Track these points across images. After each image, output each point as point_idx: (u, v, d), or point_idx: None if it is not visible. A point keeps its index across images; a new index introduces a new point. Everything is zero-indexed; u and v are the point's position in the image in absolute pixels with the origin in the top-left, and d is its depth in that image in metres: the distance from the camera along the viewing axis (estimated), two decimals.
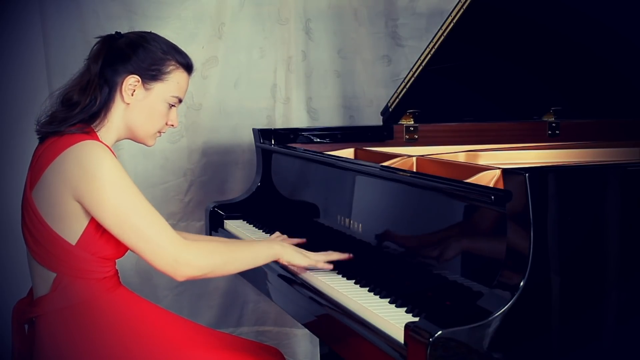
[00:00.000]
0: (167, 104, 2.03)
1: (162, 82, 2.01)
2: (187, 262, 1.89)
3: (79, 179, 1.85)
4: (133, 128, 2.02)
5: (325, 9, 3.44)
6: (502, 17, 2.47)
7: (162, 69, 2.01)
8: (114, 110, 1.99)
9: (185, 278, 1.91)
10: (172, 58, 2.02)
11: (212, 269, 1.94)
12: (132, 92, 1.99)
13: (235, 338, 2.17)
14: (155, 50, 2.00)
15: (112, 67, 1.98)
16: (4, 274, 3.18)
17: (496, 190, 1.68)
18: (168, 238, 1.89)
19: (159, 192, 3.32)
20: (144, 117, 2.01)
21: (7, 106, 3.22)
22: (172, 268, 1.89)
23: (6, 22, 3.20)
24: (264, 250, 2.06)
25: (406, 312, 1.75)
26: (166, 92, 2.02)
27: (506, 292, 1.56)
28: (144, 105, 2.00)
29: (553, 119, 2.96)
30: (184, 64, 2.05)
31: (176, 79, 2.03)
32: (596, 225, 1.63)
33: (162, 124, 2.05)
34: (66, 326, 1.90)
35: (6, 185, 3.23)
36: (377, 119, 2.99)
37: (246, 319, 3.51)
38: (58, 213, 1.89)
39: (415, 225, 1.98)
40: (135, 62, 1.98)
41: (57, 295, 1.91)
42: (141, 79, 1.99)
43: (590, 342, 1.63)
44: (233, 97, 3.40)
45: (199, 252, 1.92)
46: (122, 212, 1.86)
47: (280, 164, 2.79)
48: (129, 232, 1.87)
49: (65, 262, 1.90)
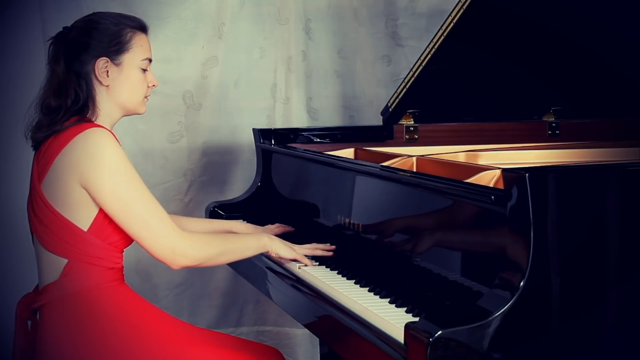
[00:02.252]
0: (141, 69, 2.08)
1: (127, 52, 2.05)
2: (183, 253, 1.96)
3: (85, 166, 1.90)
4: (121, 104, 2.07)
5: (325, 9, 3.43)
6: (502, 17, 2.47)
7: (122, 40, 2.05)
8: (99, 97, 2.04)
9: (181, 267, 1.99)
10: (125, 26, 2.07)
11: (206, 259, 2.02)
12: (106, 74, 2.03)
13: (235, 339, 2.18)
14: (107, 27, 2.04)
15: (76, 60, 2.02)
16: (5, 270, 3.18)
17: (496, 190, 1.68)
18: (167, 228, 1.96)
19: (159, 192, 3.31)
20: (127, 91, 2.06)
21: (7, 106, 3.22)
22: (169, 257, 1.96)
23: (6, 22, 3.20)
24: (253, 242, 2.15)
25: (406, 312, 1.75)
26: (135, 58, 2.06)
27: (506, 292, 1.56)
28: (122, 80, 2.05)
29: (553, 119, 2.96)
30: (137, 27, 2.10)
31: (138, 42, 2.07)
32: (596, 225, 1.63)
33: (145, 89, 2.10)
34: (69, 315, 1.93)
35: (6, 185, 3.23)
36: (377, 119, 2.99)
37: (246, 319, 3.51)
38: (69, 201, 1.93)
39: (415, 225, 1.98)
40: (95, 45, 2.02)
41: (66, 281, 1.95)
42: (108, 58, 2.03)
43: (590, 342, 1.63)
44: (233, 97, 3.40)
45: (194, 244, 1.99)
46: (126, 199, 1.92)
47: (280, 164, 2.79)
48: (131, 219, 1.93)
49: (77, 248, 1.95)
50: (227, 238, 2.16)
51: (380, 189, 2.13)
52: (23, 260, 3.09)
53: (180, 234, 1.98)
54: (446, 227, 1.86)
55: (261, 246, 2.16)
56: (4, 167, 3.24)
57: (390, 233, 2.06)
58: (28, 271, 2.51)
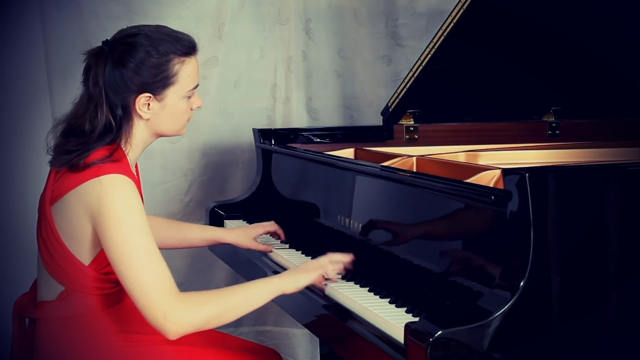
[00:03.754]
0: (186, 99, 1.93)
1: (173, 85, 1.89)
2: (175, 318, 1.76)
3: (97, 212, 1.80)
4: (161, 133, 1.95)
5: (325, 9, 3.43)
6: (502, 17, 2.47)
7: (169, 74, 1.88)
8: (135, 128, 1.91)
9: (176, 335, 1.78)
10: (173, 55, 1.88)
11: (206, 322, 1.81)
12: (147, 108, 1.89)
13: (234, 338, 2.18)
14: (151, 58, 1.85)
15: (115, 92, 1.86)
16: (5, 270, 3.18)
17: (496, 190, 1.68)
18: (162, 290, 1.77)
19: (159, 192, 3.32)
20: (168, 122, 1.93)
21: (7, 106, 3.22)
22: (161, 324, 1.77)
23: (6, 22, 3.20)
24: (260, 289, 1.89)
25: (406, 312, 1.75)
26: (181, 90, 1.91)
27: (506, 292, 1.56)
28: (165, 113, 1.91)
29: (553, 119, 2.96)
30: (185, 52, 1.91)
31: (186, 72, 1.90)
32: (596, 225, 1.64)
33: (188, 115, 1.96)
34: (67, 334, 1.90)
35: (6, 184, 3.23)
36: (377, 119, 2.98)
37: (246, 319, 3.50)
38: (75, 235, 1.86)
39: (415, 225, 1.98)
40: (137, 79, 1.85)
41: (61, 304, 1.90)
42: (152, 93, 1.87)
43: (590, 342, 1.63)
44: (233, 97, 3.40)
45: (191, 307, 1.78)
46: (125, 253, 1.78)
47: (280, 164, 2.79)
48: (126, 273, 1.78)
49: (75, 280, 1.89)
50: (232, 292, 1.88)
51: (380, 189, 2.12)
52: (23, 260, 3.09)
53: (175, 297, 1.77)
54: (446, 227, 1.86)
55: (272, 290, 1.90)
56: (4, 167, 3.24)
57: (390, 233, 2.06)
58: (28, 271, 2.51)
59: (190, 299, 1.80)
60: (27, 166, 3.20)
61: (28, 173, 3.19)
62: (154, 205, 3.22)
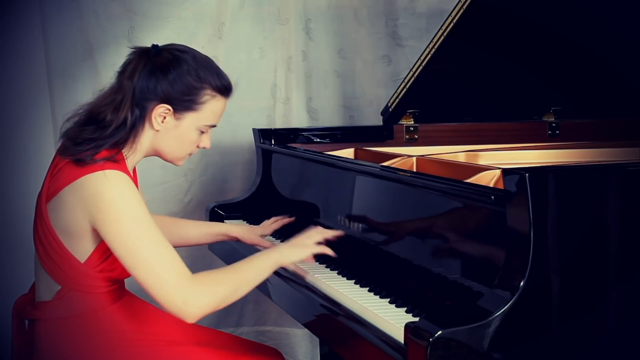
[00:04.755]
0: (199, 131, 1.96)
1: (195, 112, 1.92)
2: (194, 301, 1.79)
3: (96, 208, 1.80)
4: (161, 152, 1.97)
5: (325, 9, 3.43)
6: (502, 17, 2.47)
7: (196, 99, 1.92)
8: (143, 134, 1.92)
9: (196, 318, 1.81)
10: (208, 86, 1.93)
11: (222, 300, 1.85)
12: (162, 120, 1.91)
13: (235, 338, 2.18)
14: (190, 78, 1.90)
15: (144, 91, 1.88)
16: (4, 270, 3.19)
17: (496, 190, 1.68)
18: (177, 275, 1.79)
19: (159, 192, 3.32)
20: (173, 144, 1.95)
21: (7, 106, 3.22)
22: (181, 310, 1.79)
23: (6, 22, 3.20)
24: (264, 263, 1.95)
25: (406, 312, 1.75)
26: (199, 121, 1.94)
27: (506, 292, 1.56)
28: (174, 134, 1.93)
29: (553, 119, 2.96)
30: (221, 89, 1.97)
31: (211, 107, 1.95)
32: (596, 225, 1.63)
33: (192, 148, 1.99)
34: (66, 334, 1.90)
35: (7, 184, 3.23)
36: (377, 119, 2.99)
37: (246, 319, 3.51)
38: (71, 231, 1.86)
39: (415, 225, 1.98)
40: (167, 89, 1.88)
41: (59, 304, 1.90)
42: (173, 108, 1.90)
43: (590, 342, 1.63)
44: (233, 97, 3.39)
45: (206, 289, 1.82)
46: (132, 245, 1.79)
47: (280, 164, 2.79)
48: (137, 264, 1.79)
49: (71, 278, 1.89)
50: (238, 268, 1.92)
51: (380, 189, 2.13)
52: (23, 261, 3.09)
53: (189, 280, 1.80)
54: (446, 227, 1.86)
55: (273, 263, 1.96)
56: (4, 167, 3.24)
57: (390, 233, 2.06)
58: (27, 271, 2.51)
59: (205, 280, 1.83)
60: (27, 166, 3.20)
61: (28, 173, 3.19)
62: (154, 205, 3.22)
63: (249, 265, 1.94)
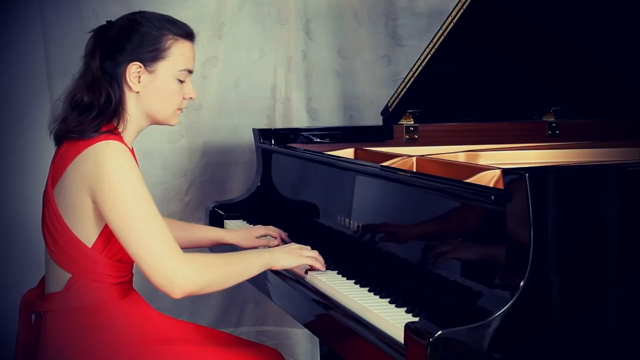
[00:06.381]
0: (177, 80, 1.97)
1: (164, 59, 1.95)
2: (184, 276, 1.81)
3: (94, 178, 1.83)
4: (150, 113, 1.98)
5: (325, 9, 3.44)
6: (502, 17, 2.47)
7: (160, 47, 1.94)
8: (128, 102, 1.95)
9: (183, 294, 1.83)
10: (167, 32, 1.96)
11: (210, 283, 1.87)
12: (137, 80, 1.94)
13: (235, 338, 2.18)
14: (148, 30, 1.94)
15: (110, 60, 1.93)
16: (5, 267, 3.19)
17: (496, 190, 1.68)
18: (168, 248, 1.82)
19: (159, 192, 3.32)
20: (157, 100, 1.96)
21: (7, 106, 3.22)
22: (168, 282, 1.81)
23: (6, 22, 3.20)
24: (256, 260, 1.99)
25: (406, 312, 1.75)
26: (172, 68, 1.96)
27: (506, 292, 1.56)
28: (154, 89, 1.95)
29: (553, 119, 2.96)
30: (181, 34, 1.98)
31: (178, 51, 1.97)
32: (596, 225, 1.63)
33: (179, 100, 2.00)
34: (73, 326, 1.91)
35: (7, 184, 3.24)
36: (377, 119, 2.99)
37: (246, 319, 3.51)
38: (76, 213, 1.88)
39: (415, 225, 1.98)
40: (131, 48, 1.92)
41: (69, 294, 1.91)
42: (142, 63, 1.93)
43: (590, 342, 1.63)
44: (233, 97, 3.40)
45: (197, 267, 1.85)
46: (125, 214, 1.81)
47: (280, 164, 2.79)
48: (130, 236, 1.82)
49: (81, 264, 1.90)
50: (231, 259, 1.96)
51: (380, 189, 2.13)
52: (24, 258, 3.10)
53: (181, 255, 1.83)
54: (446, 227, 1.86)
55: (264, 264, 2.00)
56: (4, 167, 3.24)
57: (390, 233, 2.06)
58: (29, 269, 2.51)
59: (197, 258, 1.86)
60: (27, 166, 3.21)
61: (28, 173, 3.19)
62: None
63: (241, 259, 1.99)
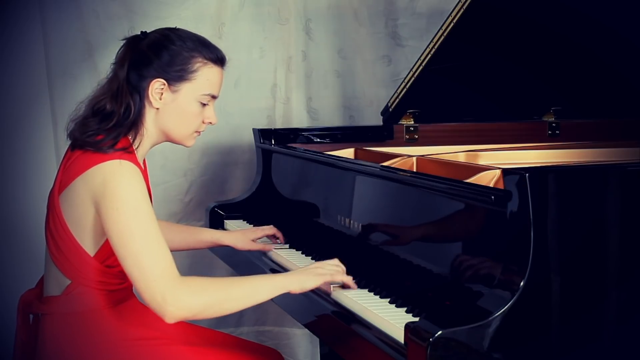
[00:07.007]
0: (199, 103, 1.95)
1: (189, 81, 1.93)
2: (176, 300, 1.75)
3: (101, 194, 1.81)
4: (167, 131, 1.96)
5: (325, 9, 3.44)
6: (502, 17, 2.47)
7: (188, 68, 1.92)
8: (147, 116, 1.93)
9: (174, 319, 1.77)
10: (198, 54, 1.93)
11: (205, 308, 1.79)
12: (159, 96, 1.92)
13: (235, 338, 2.18)
14: (179, 50, 1.92)
15: (136, 71, 1.91)
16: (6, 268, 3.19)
17: (496, 190, 1.68)
18: (161, 270, 1.76)
19: (159, 192, 3.31)
20: (176, 120, 1.94)
21: (7, 106, 3.22)
22: (159, 305, 1.75)
23: (6, 22, 3.20)
24: (265, 283, 1.88)
25: (406, 312, 1.75)
26: (196, 91, 1.94)
27: (506, 292, 1.56)
28: (174, 108, 1.93)
29: (553, 119, 2.96)
30: (212, 58, 1.96)
31: (205, 75, 1.95)
32: (596, 225, 1.64)
33: (198, 124, 1.98)
34: (71, 330, 1.90)
35: (7, 184, 3.23)
36: (377, 119, 2.99)
37: (246, 319, 3.51)
38: (81, 222, 1.87)
39: (415, 226, 1.98)
40: (158, 64, 1.90)
41: (68, 299, 1.91)
42: (167, 81, 1.91)
43: (590, 342, 1.64)
44: (233, 97, 3.40)
45: (189, 290, 1.77)
46: (126, 234, 1.78)
47: (280, 164, 2.79)
48: (126, 254, 1.79)
49: (81, 272, 1.89)
50: (233, 282, 1.87)
51: (380, 189, 2.13)
52: (24, 258, 3.10)
53: (175, 279, 1.76)
54: (446, 227, 1.86)
55: (278, 287, 1.86)
56: (5, 167, 3.24)
57: (390, 233, 2.06)
58: (28, 269, 2.51)
59: (190, 282, 1.79)
60: (27, 166, 3.21)
61: (29, 173, 3.19)
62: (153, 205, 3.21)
63: (247, 282, 1.89)
